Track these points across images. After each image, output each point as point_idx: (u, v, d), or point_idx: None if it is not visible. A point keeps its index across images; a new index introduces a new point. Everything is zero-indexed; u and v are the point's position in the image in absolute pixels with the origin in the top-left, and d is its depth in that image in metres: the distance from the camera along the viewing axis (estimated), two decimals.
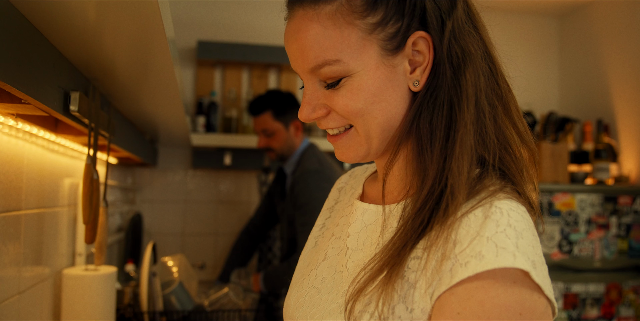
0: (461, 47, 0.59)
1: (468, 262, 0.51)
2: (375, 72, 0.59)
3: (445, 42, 0.58)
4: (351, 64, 0.59)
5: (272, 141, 2.11)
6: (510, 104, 0.62)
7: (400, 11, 0.59)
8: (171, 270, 1.77)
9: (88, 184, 0.97)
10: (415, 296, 0.54)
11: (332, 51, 0.59)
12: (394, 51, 0.59)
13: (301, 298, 0.68)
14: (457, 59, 0.59)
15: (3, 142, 0.91)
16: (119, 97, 1.31)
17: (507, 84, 0.62)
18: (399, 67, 0.60)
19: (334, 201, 0.82)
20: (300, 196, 1.96)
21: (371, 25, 0.59)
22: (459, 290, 0.51)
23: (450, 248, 0.53)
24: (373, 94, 0.60)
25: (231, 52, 2.67)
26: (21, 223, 1.01)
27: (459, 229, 0.54)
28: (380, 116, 0.61)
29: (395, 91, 0.60)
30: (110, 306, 1.27)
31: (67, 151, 1.34)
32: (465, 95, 0.58)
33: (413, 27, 0.59)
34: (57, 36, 0.79)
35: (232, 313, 1.68)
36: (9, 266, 0.95)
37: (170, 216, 2.73)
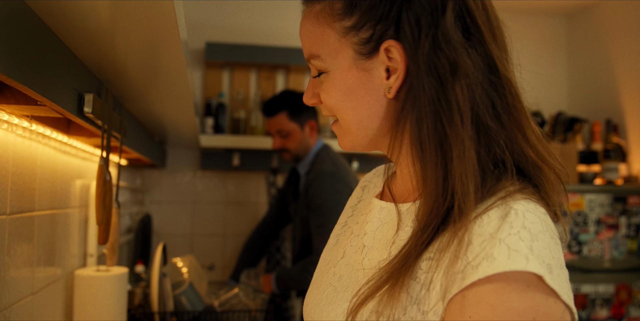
0: (448, 58, 0.56)
1: (479, 264, 0.50)
2: (346, 73, 0.62)
3: (423, 53, 0.57)
4: (328, 62, 0.64)
5: (288, 142, 2.11)
6: (524, 125, 0.59)
7: (374, 18, 0.60)
8: (181, 271, 1.78)
9: (101, 186, 0.97)
10: (427, 298, 0.53)
11: (315, 47, 0.65)
12: (367, 56, 0.61)
13: (319, 295, 0.69)
14: (444, 71, 0.56)
15: (17, 143, 0.92)
16: (130, 98, 1.32)
17: (518, 101, 0.59)
18: (374, 72, 0.61)
19: (357, 200, 0.82)
20: (315, 197, 1.96)
21: (345, 29, 0.61)
22: (471, 292, 0.50)
23: (463, 249, 0.52)
24: (344, 93, 0.63)
25: (239, 54, 2.68)
26: (34, 224, 1.02)
27: (472, 230, 0.53)
28: (350, 115, 0.64)
29: (368, 93, 0.62)
30: (122, 307, 1.28)
31: (78, 153, 1.35)
32: (457, 110, 0.56)
33: (387, 35, 0.59)
34: (71, 38, 0.80)
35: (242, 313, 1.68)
36: (22, 267, 0.96)
37: (179, 217, 2.74)
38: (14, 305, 0.91)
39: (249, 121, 2.68)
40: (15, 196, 0.91)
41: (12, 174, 0.89)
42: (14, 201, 0.91)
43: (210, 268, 2.41)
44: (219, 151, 2.71)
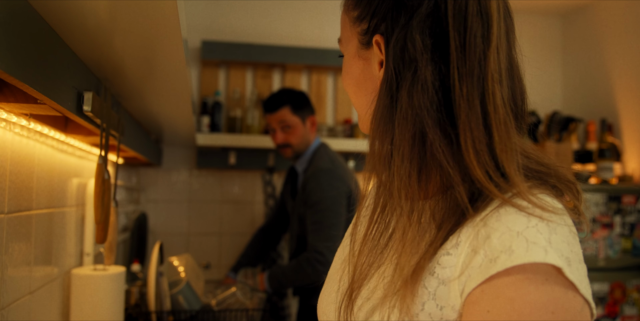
0: (410, 59, 0.58)
1: (497, 257, 0.50)
2: (352, 59, 0.69)
3: (393, 50, 0.60)
4: (344, 46, 0.71)
5: (291, 136, 2.11)
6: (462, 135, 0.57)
7: (370, 13, 0.65)
8: (178, 270, 1.77)
9: (100, 184, 0.97)
10: (445, 293, 0.54)
11: (341, 32, 0.72)
12: (366, 46, 0.66)
13: (334, 293, 0.69)
14: (404, 70, 0.59)
15: (15, 142, 0.91)
16: (128, 97, 1.32)
17: (465, 119, 0.57)
18: (371, 62, 0.66)
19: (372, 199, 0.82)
20: (312, 194, 1.97)
21: (353, 19, 0.68)
22: (489, 286, 0.50)
23: (480, 243, 0.52)
24: (350, 77, 0.69)
25: (235, 52, 2.67)
26: (32, 223, 1.02)
27: (489, 224, 0.53)
28: (354, 99, 0.70)
29: (367, 81, 0.67)
30: (119, 306, 1.27)
31: (75, 151, 1.34)
32: (400, 109, 0.58)
33: (379, 30, 0.64)
34: (70, 36, 0.80)
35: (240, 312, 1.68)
36: (20, 266, 0.95)
37: (174, 216, 2.73)
38: (11, 304, 0.91)
39: (245, 119, 2.68)
40: (13, 195, 0.91)
41: (10, 173, 0.89)
42: (12, 200, 0.90)
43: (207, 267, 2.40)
44: (215, 150, 2.71)
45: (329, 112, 2.87)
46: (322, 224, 1.94)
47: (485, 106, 0.57)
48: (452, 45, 0.57)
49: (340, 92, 2.86)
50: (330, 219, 1.94)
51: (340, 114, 2.85)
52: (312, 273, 1.91)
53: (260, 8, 2.83)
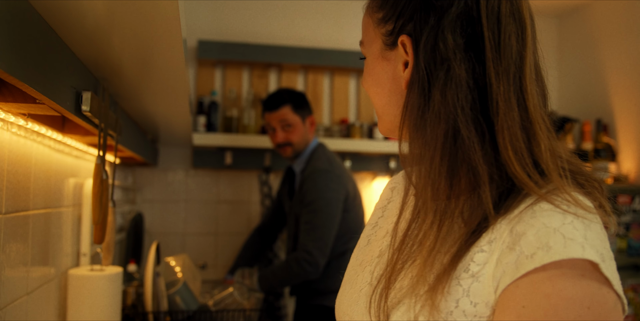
0: (442, 59, 0.59)
1: (534, 253, 0.51)
2: (375, 60, 0.69)
3: (423, 49, 0.61)
4: (367, 48, 0.71)
5: (291, 135, 2.12)
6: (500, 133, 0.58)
7: (395, 14, 0.65)
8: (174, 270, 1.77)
9: (98, 184, 0.96)
10: (479, 289, 0.54)
11: (363, 35, 0.72)
12: (390, 47, 0.67)
13: (355, 294, 0.69)
14: (436, 70, 0.59)
15: (12, 142, 0.91)
16: (125, 96, 1.31)
17: (505, 118, 0.58)
18: (394, 63, 0.67)
19: (387, 201, 0.82)
20: (307, 194, 1.97)
21: (377, 20, 0.68)
22: (524, 282, 0.51)
23: (515, 239, 0.53)
24: (373, 79, 0.70)
25: (232, 52, 2.67)
26: (29, 223, 1.01)
27: (525, 221, 0.54)
28: (376, 100, 0.71)
29: (390, 82, 0.68)
30: (116, 307, 1.27)
31: (71, 151, 1.34)
32: (433, 109, 0.59)
33: (404, 30, 0.64)
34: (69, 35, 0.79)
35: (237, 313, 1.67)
36: (17, 266, 0.95)
37: (170, 216, 2.72)
38: (9, 305, 0.90)
39: (241, 119, 2.67)
40: (11, 195, 0.90)
41: (7, 173, 0.88)
42: (10, 200, 0.90)
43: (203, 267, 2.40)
44: (211, 150, 2.70)
45: (325, 112, 2.87)
46: (314, 224, 1.94)
47: (524, 105, 0.58)
48: (488, 45, 0.58)
49: (337, 92, 2.86)
50: (322, 220, 1.94)
51: (336, 114, 2.85)
52: (300, 272, 1.91)
53: (256, 8, 2.82)
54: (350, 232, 2.07)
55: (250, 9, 2.81)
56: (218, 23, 2.77)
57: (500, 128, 0.57)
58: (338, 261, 2.04)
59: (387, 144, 2.72)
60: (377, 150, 2.71)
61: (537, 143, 0.58)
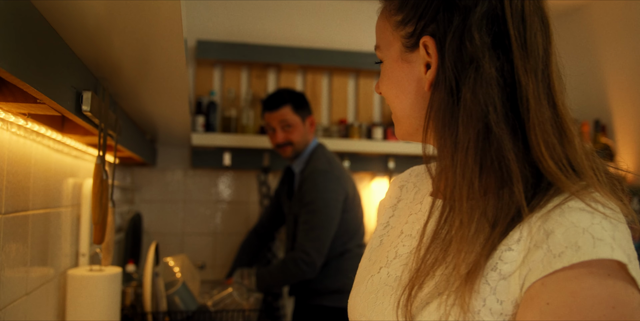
0: (469, 57, 0.59)
1: (563, 252, 0.51)
2: (394, 63, 0.69)
3: (449, 49, 0.61)
4: (383, 52, 0.71)
5: (291, 135, 2.11)
6: (543, 142, 0.58)
7: (416, 15, 0.65)
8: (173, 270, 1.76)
9: (98, 185, 0.96)
10: (505, 287, 0.54)
11: (378, 38, 0.72)
12: (410, 49, 0.67)
13: (372, 295, 0.69)
14: (464, 69, 0.60)
15: (12, 142, 0.90)
16: (124, 96, 1.31)
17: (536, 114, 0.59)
18: (415, 65, 0.66)
19: (397, 199, 0.82)
20: (307, 194, 1.97)
21: (396, 23, 0.68)
22: (551, 280, 0.51)
23: (542, 238, 0.53)
24: (392, 81, 0.70)
25: (230, 52, 2.67)
26: (29, 223, 1.01)
27: (552, 220, 0.54)
28: (396, 103, 0.70)
29: (410, 84, 0.67)
30: (116, 307, 1.26)
31: (70, 151, 1.33)
32: (464, 106, 0.59)
33: (426, 31, 0.64)
34: (69, 35, 0.79)
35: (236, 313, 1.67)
36: (16, 267, 0.94)
37: (169, 216, 2.72)
38: (8, 305, 0.90)
39: (240, 119, 2.67)
40: (10, 195, 0.90)
41: (7, 173, 0.88)
42: (9, 200, 0.89)
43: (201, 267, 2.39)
44: (210, 150, 2.70)
45: (324, 113, 2.87)
46: (312, 224, 1.94)
47: (553, 102, 0.59)
48: (514, 43, 0.59)
49: (336, 92, 2.85)
50: (321, 220, 1.95)
51: (335, 114, 2.85)
52: (297, 272, 1.91)
53: (255, 8, 2.82)
54: (349, 232, 2.07)
55: (249, 9, 2.81)
56: (217, 23, 2.77)
57: (532, 125, 0.58)
58: (337, 261, 2.04)
59: (385, 144, 2.72)
60: (376, 150, 2.71)
61: (568, 140, 0.59)
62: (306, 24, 2.87)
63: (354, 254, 2.09)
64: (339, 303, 2.04)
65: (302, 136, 2.13)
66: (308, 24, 2.87)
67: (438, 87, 0.62)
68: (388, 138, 2.76)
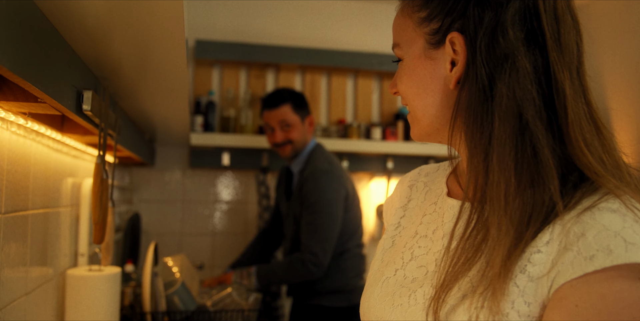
0: (503, 53, 0.59)
1: (594, 256, 0.51)
2: (417, 61, 0.67)
3: (480, 45, 0.60)
4: (404, 50, 0.69)
5: (291, 134, 2.10)
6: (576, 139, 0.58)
7: (443, 11, 0.64)
8: (172, 270, 1.76)
9: (98, 184, 0.96)
10: (534, 290, 0.54)
11: (397, 36, 0.71)
12: (435, 46, 0.65)
13: (388, 296, 0.68)
14: (498, 65, 0.59)
15: (12, 141, 0.90)
16: (124, 96, 1.31)
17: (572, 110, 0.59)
18: (440, 62, 0.65)
19: (407, 199, 0.81)
20: (309, 195, 1.97)
21: (420, 19, 0.67)
22: (580, 282, 0.51)
23: (572, 240, 0.53)
24: (413, 79, 0.68)
25: (229, 52, 2.66)
26: (28, 223, 1.00)
27: (583, 222, 0.54)
28: (417, 101, 0.68)
29: (434, 82, 0.66)
30: (115, 307, 1.26)
31: (70, 151, 1.33)
32: (499, 102, 0.58)
33: (453, 28, 0.63)
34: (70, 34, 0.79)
35: (235, 313, 1.67)
36: (16, 266, 0.94)
37: (168, 216, 2.71)
38: (8, 305, 0.90)
39: (238, 119, 2.67)
40: (10, 195, 0.90)
41: (7, 173, 0.88)
42: (9, 199, 0.89)
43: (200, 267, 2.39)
44: (209, 150, 2.69)
45: (322, 113, 2.87)
46: (317, 225, 1.94)
47: (587, 98, 0.60)
48: (549, 39, 0.60)
49: (335, 92, 2.85)
50: (325, 221, 1.95)
51: (334, 114, 2.85)
52: (304, 273, 1.91)
53: (254, 7, 2.82)
54: (349, 232, 2.07)
55: (248, 8, 2.81)
56: (216, 23, 2.77)
57: (570, 121, 0.58)
58: (337, 261, 2.04)
59: (384, 144, 2.72)
60: (374, 150, 2.71)
61: (603, 137, 0.59)
62: (305, 23, 2.87)
63: (353, 254, 2.09)
64: (337, 303, 2.04)
65: (301, 135, 2.12)
66: (307, 23, 2.87)
67: (468, 84, 0.62)
68: (387, 138, 2.76)
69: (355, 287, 2.09)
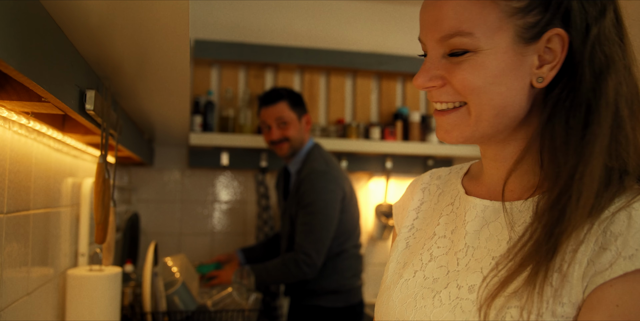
0: (604, 53, 0.59)
1: (633, 255, 0.51)
2: (502, 55, 0.60)
3: (589, 46, 0.59)
4: (482, 41, 0.59)
5: (287, 131, 2.09)
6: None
7: (545, 4, 0.59)
8: (172, 270, 1.76)
9: (100, 184, 0.96)
10: (567, 290, 0.54)
11: (467, 23, 0.60)
12: (527, 41, 0.60)
13: (409, 298, 0.68)
14: (600, 64, 0.59)
15: (14, 141, 0.90)
16: (125, 96, 1.30)
17: None
18: (527, 58, 0.60)
19: (419, 202, 0.80)
20: (305, 196, 1.97)
21: (513, 9, 0.59)
22: (620, 282, 0.51)
23: (610, 240, 0.53)
24: (494, 75, 0.60)
25: (228, 52, 2.66)
26: (29, 223, 1.00)
27: (620, 222, 0.54)
28: (496, 99, 0.61)
29: (517, 80, 0.60)
30: (116, 307, 1.26)
31: (70, 151, 1.33)
32: (605, 100, 0.58)
33: (553, 24, 0.59)
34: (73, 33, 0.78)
35: (236, 313, 1.67)
36: (18, 267, 0.94)
37: (166, 216, 2.71)
38: (9, 305, 0.90)
39: (237, 119, 2.67)
40: (12, 195, 0.89)
41: (9, 172, 0.88)
42: (11, 199, 0.89)
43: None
44: (207, 150, 2.69)
45: (321, 112, 2.87)
46: (312, 226, 1.94)
47: None
48: (628, 41, 0.61)
49: (333, 92, 2.85)
50: (320, 221, 1.95)
51: (333, 114, 2.85)
52: (297, 274, 1.91)
53: (253, 7, 2.81)
54: (346, 233, 2.07)
55: (247, 8, 2.81)
56: (214, 23, 2.76)
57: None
58: (334, 261, 2.04)
59: (383, 144, 2.72)
60: (373, 150, 2.71)
61: None
62: (304, 23, 2.87)
63: (350, 255, 2.09)
64: (335, 304, 2.04)
65: (298, 132, 2.11)
66: (306, 23, 2.87)
67: (570, 85, 0.60)
68: (385, 138, 2.76)
69: (352, 287, 2.09)
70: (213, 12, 2.77)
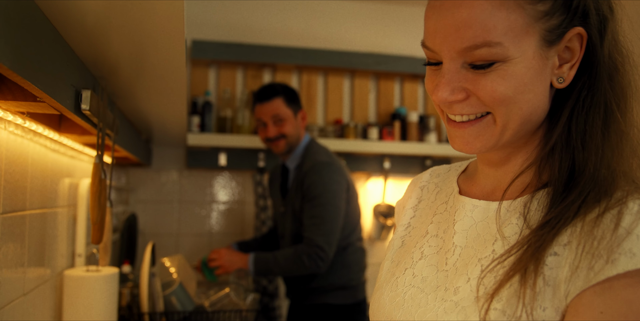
0: (620, 50, 0.60)
1: (617, 259, 0.50)
2: (530, 61, 0.57)
3: (607, 43, 0.59)
4: (511, 49, 0.56)
5: (284, 128, 2.06)
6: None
7: (566, 5, 0.58)
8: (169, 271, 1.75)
9: (97, 184, 0.96)
10: (549, 294, 0.53)
11: (495, 33, 0.56)
12: (551, 43, 0.58)
13: (398, 297, 0.67)
14: (615, 62, 0.60)
15: (10, 141, 0.90)
16: (121, 96, 1.30)
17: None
18: (550, 61, 0.59)
19: (417, 200, 0.80)
20: (312, 188, 1.93)
21: (539, 13, 0.57)
22: (602, 288, 0.50)
23: (593, 244, 0.52)
24: (524, 83, 0.57)
25: (226, 52, 2.66)
26: (26, 223, 1.00)
27: (604, 225, 0.53)
28: (525, 107, 0.59)
29: (542, 83, 0.59)
30: (113, 308, 1.26)
31: (67, 151, 1.32)
32: (624, 97, 0.59)
33: (573, 24, 0.59)
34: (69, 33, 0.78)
35: (234, 313, 1.67)
36: (14, 267, 0.94)
37: (164, 216, 2.71)
38: (6, 306, 0.89)
39: (235, 119, 2.67)
40: (8, 195, 0.89)
41: (4, 173, 0.87)
42: (7, 199, 0.89)
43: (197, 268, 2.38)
44: (205, 150, 2.69)
45: (319, 113, 2.87)
46: (322, 218, 1.89)
47: None
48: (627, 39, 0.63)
49: (331, 93, 2.85)
50: (330, 213, 1.90)
51: (330, 114, 2.85)
52: (311, 267, 1.85)
53: (251, 7, 2.81)
54: (350, 225, 2.03)
55: (244, 9, 2.81)
56: (212, 23, 2.76)
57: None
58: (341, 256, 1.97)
59: (381, 144, 2.72)
60: (371, 150, 2.71)
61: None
62: (302, 24, 2.87)
63: (355, 249, 2.06)
64: (342, 300, 1.99)
65: (294, 129, 2.08)
66: (303, 24, 2.87)
67: (589, 83, 0.60)
68: (383, 138, 2.76)
69: (359, 283, 2.05)
70: (211, 13, 2.77)
